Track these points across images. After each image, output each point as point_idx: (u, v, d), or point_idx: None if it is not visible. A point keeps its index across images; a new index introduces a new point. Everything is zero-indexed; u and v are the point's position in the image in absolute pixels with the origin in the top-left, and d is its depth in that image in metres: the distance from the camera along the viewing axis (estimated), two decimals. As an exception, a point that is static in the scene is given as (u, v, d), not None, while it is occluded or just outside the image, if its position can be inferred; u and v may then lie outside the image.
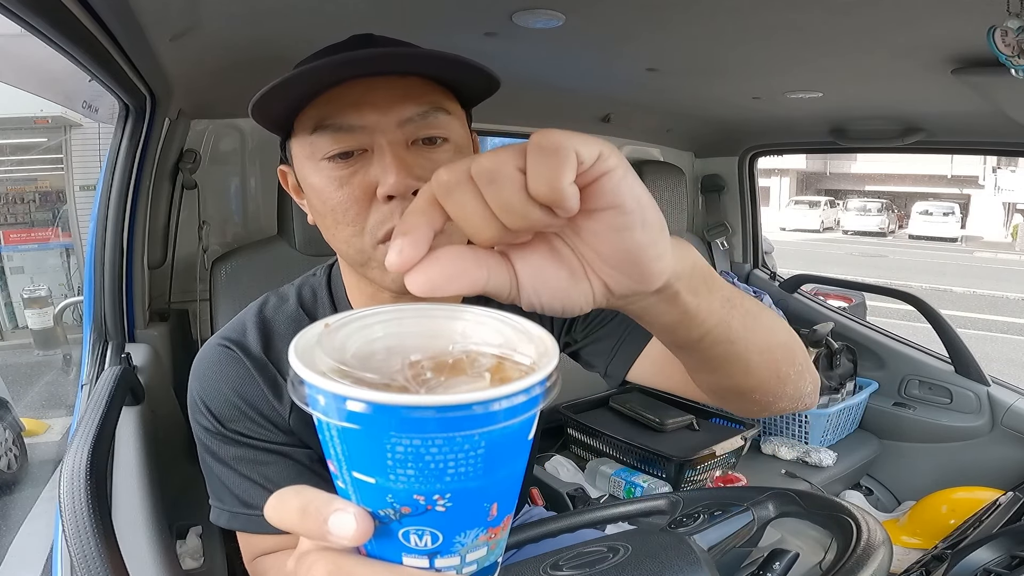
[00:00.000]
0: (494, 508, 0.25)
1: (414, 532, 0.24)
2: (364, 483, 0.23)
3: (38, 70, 1.02)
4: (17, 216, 5.36)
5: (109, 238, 1.02)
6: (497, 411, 0.22)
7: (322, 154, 0.54)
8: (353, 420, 0.22)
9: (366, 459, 0.23)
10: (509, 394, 0.22)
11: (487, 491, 0.24)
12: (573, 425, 1.73)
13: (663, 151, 2.18)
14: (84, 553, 0.54)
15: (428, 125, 0.55)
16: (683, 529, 0.65)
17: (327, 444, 0.24)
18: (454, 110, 0.58)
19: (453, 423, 0.21)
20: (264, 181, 1.41)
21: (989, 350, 5.82)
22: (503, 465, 0.24)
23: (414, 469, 0.22)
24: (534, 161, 0.27)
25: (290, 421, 0.62)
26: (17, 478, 2.79)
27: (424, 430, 0.21)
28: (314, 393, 0.23)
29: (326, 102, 0.53)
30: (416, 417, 0.21)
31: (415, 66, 0.55)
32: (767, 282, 2.19)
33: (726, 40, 1.01)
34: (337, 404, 0.22)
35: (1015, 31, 0.80)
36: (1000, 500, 1.39)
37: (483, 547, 0.26)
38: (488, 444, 0.22)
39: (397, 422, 0.21)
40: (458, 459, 0.22)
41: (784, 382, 0.49)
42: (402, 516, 0.24)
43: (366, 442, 0.22)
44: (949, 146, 1.77)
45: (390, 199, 0.53)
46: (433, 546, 0.24)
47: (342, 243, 0.57)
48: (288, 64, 0.60)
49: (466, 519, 0.24)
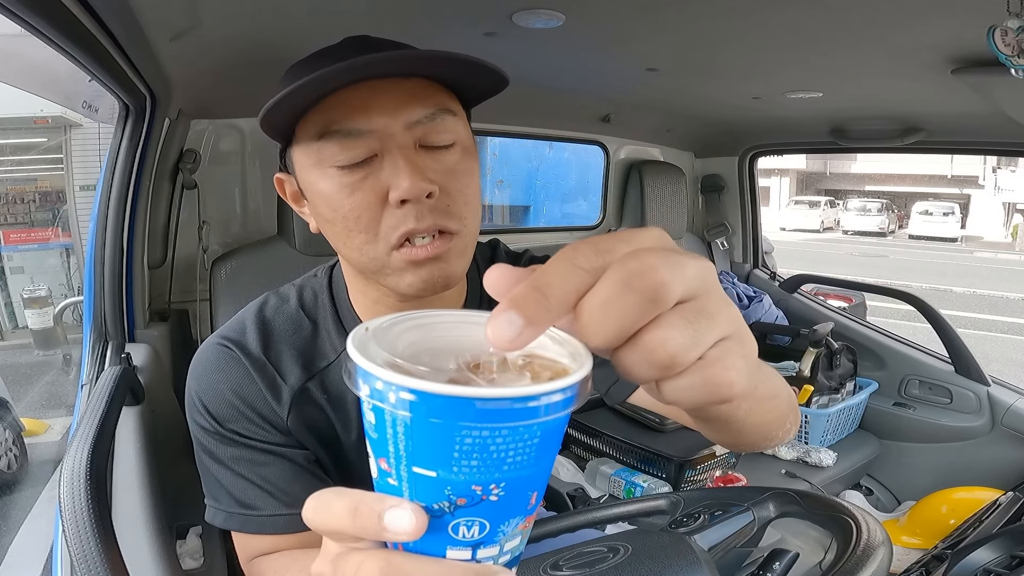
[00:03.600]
0: (534, 496, 0.26)
1: (464, 524, 0.25)
2: (424, 478, 0.24)
3: (38, 70, 1.03)
4: (17, 216, 5.36)
5: (109, 238, 1.02)
6: (555, 402, 0.23)
7: (331, 161, 0.53)
8: (435, 415, 0.22)
9: (432, 452, 0.23)
10: (565, 387, 0.23)
11: (533, 479, 0.25)
12: (573, 425, 1.73)
13: (663, 151, 2.18)
14: (84, 553, 0.54)
15: (436, 128, 0.54)
16: (684, 529, 0.65)
17: (385, 442, 0.24)
18: (458, 111, 0.58)
19: (521, 413, 0.22)
20: (264, 181, 1.41)
21: (989, 350, 5.82)
22: (549, 454, 0.25)
23: (479, 460, 0.23)
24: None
25: (288, 422, 0.62)
26: (17, 478, 2.79)
27: (497, 420, 0.22)
28: (386, 389, 0.23)
29: (330, 107, 0.53)
30: (491, 408, 0.22)
31: (426, 67, 0.54)
32: (767, 282, 2.19)
33: (726, 40, 1.01)
34: (417, 398, 0.23)
35: (1015, 31, 0.80)
36: (1000, 500, 1.39)
37: (519, 536, 0.27)
38: (543, 433, 0.24)
39: (473, 414, 0.22)
40: (518, 448, 0.23)
41: (771, 440, 0.53)
42: (456, 508, 0.24)
43: (437, 435, 0.23)
44: (949, 146, 1.77)
45: (403, 203, 0.53)
46: (479, 536, 0.25)
47: (354, 251, 0.56)
48: (288, 64, 0.60)
49: (512, 508, 0.25)
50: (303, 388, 0.62)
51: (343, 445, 0.65)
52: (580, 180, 2.31)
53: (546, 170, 2.61)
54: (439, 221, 0.54)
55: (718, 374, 0.24)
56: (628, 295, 0.23)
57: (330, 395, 0.64)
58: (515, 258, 0.75)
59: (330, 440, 0.64)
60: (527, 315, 0.23)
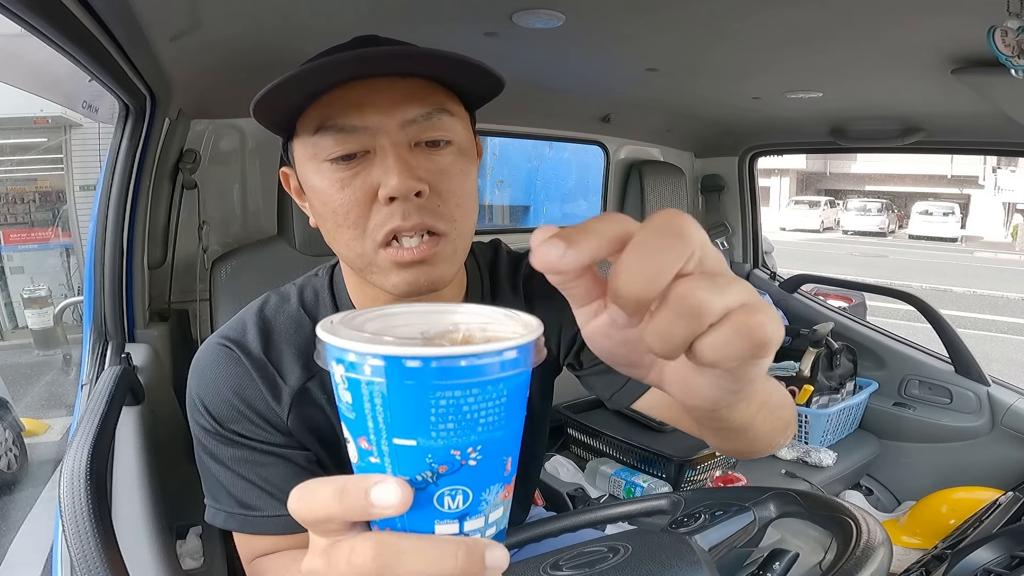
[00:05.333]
0: (509, 462, 0.27)
1: (448, 493, 0.26)
2: (404, 448, 0.25)
3: (38, 70, 1.02)
4: (17, 216, 5.36)
5: (109, 238, 1.02)
6: (514, 359, 0.25)
7: (324, 156, 0.54)
8: (408, 376, 0.24)
9: (410, 419, 0.24)
10: (521, 344, 0.25)
11: (506, 443, 0.26)
12: (573, 425, 1.74)
13: (663, 151, 2.18)
14: (84, 553, 0.54)
15: (431, 127, 0.54)
16: (685, 529, 0.65)
17: (364, 418, 0.25)
18: (457, 112, 0.57)
19: (486, 369, 0.24)
20: (264, 181, 1.41)
21: (989, 350, 5.82)
22: (516, 416, 0.27)
23: (454, 422, 0.24)
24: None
25: (288, 422, 0.62)
26: (17, 478, 2.79)
27: (466, 376, 0.24)
28: (360, 360, 0.24)
29: (328, 103, 0.53)
30: (460, 367, 0.24)
31: (419, 65, 0.54)
32: (767, 282, 2.19)
33: (726, 40, 1.01)
34: (389, 364, 0.24)
35: (1015, 31, 0.80)
36: (1000, 500, 1.39)
37: (500, 506, 0.28)
38: (509, 392, 0.25)
39: (442, 373, 0.23)
40: (487, 408, 0.25)
41: (775, 447, 0.56)
42: (439, 477, 0.25)
43: (413, 399, 0.24)
44: (949, 146, 1.77)
45: (392, 201, 0.53)
46: (464, 506, 0.26)
47: (343, 246, 0.57)
48: (288, 64, 0.60)
49: (491, 473, 0.26)
50: (303, 388, 0.62)
51: (344, 445, 0.65)
52: (580, 180, 2.31)
53: (546, 170, 2.61)
54: (426, 220, 0.54)
55: (749, 319, 0.25)
56: (662, 239, 0.25)
57: (330, 395, 0.63)
58: (518, 259, 0.74)
59: (331, 440, 0.64)
60: (571, 241, 0.26)
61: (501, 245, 0.75)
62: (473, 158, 0.59)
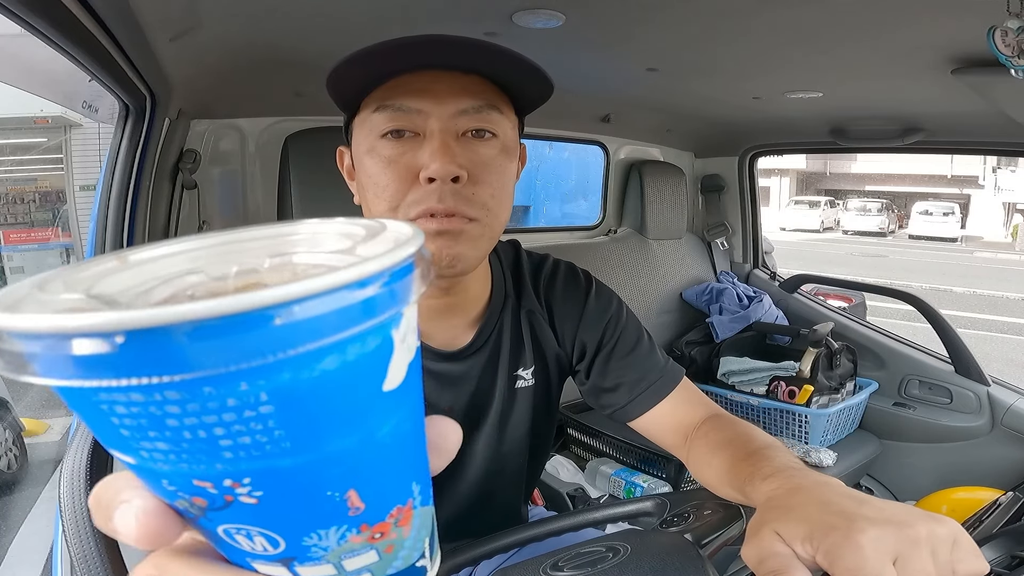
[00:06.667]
0: (352, 496, 0.17)
1: (236, 532, 0.17)
2: (130, 465, 0.17)
3: (38, 70, 1.02)
4: (17, 216, 5.35)
5: (109, 238, 1.02)
6: (277, 327, 0.13)
7: (378, 131, 0.57)
8: (45, 373, 0.13)
9: (97, 427, 0.15)
10: (293, 299, 0.13)
11: (320, 473, 0.16)
12: (573, 425, 1.73)
13: (663, 151, 2.18)
14: (84, 553, 0.54)
15: (480, 119, 0.57)
16: (675, 529, 0.65)
17: None
18: (507, 112, 0.60)
19: (184, 359, 0.13)
20: (264, 181, 1.41)
21: (989, 350, 5.82)
22: (333, 431, 0.15)
23: (162, 440, 0.14)
24: None
25: None
26: (17, 478, 2.79)
27: (130, 373, 0.13)
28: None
29: (393, 86, 0.56)
30: (108, 355, 0.13)
31: (482, 54, 0.56)
32: (767, 282, 2.19)
33: (726, 40, 1.01)
34: (41, 353, 0.13)
35: (1015, 31, 0.80)
36: (1000, 500, 1.38)
37: (368, 550, 0.18)
38: (279, 398, 0.14)
39: (83, 362, 0.13)
40: (229, 423, 0.14)
41: None
42: (204, 510, 0.16)
43: (76, 399, 0.15)
44: (949, 146, 1.76)
45: (431, 182, 0.55)
46: (277, 551, 0.17)
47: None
48: (288, 64, 0.60)
49: (302, 515, 0.17)
50: None
51: None
52: (580, 180, 2.32)
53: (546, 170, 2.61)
54: (459, 206, 0.56)
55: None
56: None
57: None
58: (538, 260, 0.76)
59: None
60: None
61: (520, 246, 0.78)
62: (515, 158, 0.62)
